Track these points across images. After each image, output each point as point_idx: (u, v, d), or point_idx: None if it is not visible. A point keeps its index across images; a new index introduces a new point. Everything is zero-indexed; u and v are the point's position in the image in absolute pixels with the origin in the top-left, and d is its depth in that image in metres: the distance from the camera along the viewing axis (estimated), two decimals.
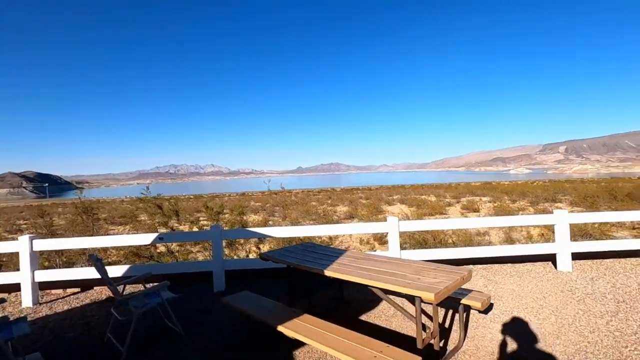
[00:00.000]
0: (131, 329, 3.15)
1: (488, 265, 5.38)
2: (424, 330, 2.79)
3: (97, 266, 3.20)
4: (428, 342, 2.69)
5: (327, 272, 2.94)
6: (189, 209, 20.50)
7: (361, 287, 2.91)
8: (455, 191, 28.76)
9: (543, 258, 5.48)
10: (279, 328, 2.74)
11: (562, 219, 5.12)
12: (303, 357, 3.05)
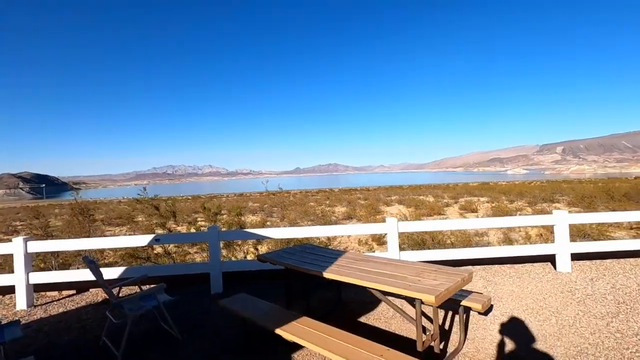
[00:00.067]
0: (126, 332, 3.11)
1: (487, 266, 5.35)
2: (424, 332, 2.75)
3: (92, 268, 3.15)
4: (428, 345, 2.66)
5: (326, 274, 2.90)
6: (187, 210, 20.40)
7: (359, 289, 2.88)
8: (453, 192, 28.79)
9: (542, 259, 5.46)
10: (277, 331, 2.70)
11: (562, 220, 5.10)
12: None
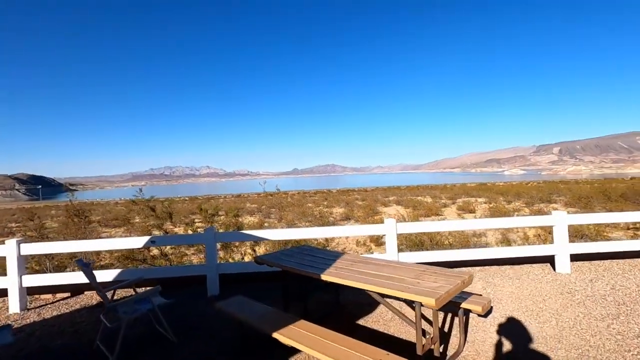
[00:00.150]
0: (120, 336, 3.05)
1: (486, 267, 5.32)
2: (424, 335, 2.71)
3: (85, 271, 3.09)
4: (428, 349, 2.61)
5: (324, 277, 2.85)
6: (184, 211, 20.30)
7: (357, 291, 2.83)
8: (450, 192, 28.81)
9: (541, 260, 5.44)
10: (274, 335, 2.64)
11: (561, 221, 5.07)
12: None
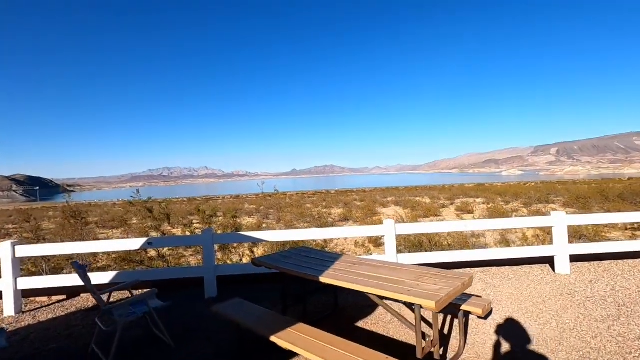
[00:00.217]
0: (116, 339, 3.00)
1: (486, 268, 5.30)
2: (424, 338, 2.68)
3: (80, 274, 3.04)
4: (428, 352, 2.58)
5: (323, 279, 2.82)
6: (182, 212, 20.20)
7: (356, 292, 2.80)
8: (449, 193, 28.80)
9: (541, 260, 5.42)
10: (272, 338, 2.61)
11: (560, 221, 5.05)
12: None
